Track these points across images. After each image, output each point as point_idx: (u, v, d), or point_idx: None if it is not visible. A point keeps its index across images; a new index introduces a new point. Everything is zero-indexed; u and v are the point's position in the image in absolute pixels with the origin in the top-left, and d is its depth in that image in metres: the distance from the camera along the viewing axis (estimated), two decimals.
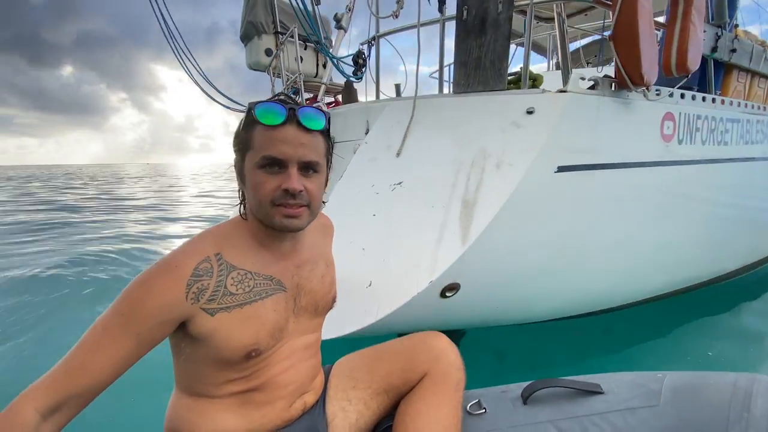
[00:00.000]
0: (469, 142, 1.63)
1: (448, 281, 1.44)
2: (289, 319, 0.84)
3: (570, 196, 1.59)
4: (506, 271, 1.57)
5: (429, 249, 1.46)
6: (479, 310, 1.64)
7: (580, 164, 1.58)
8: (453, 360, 0.97)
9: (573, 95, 1.54)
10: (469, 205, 1.47)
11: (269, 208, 0.74)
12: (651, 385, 0.93)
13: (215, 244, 0.77)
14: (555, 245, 1.63)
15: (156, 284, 0.69)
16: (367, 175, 1.85)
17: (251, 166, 0.74)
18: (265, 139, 0.72)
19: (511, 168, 1.47)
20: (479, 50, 1.72)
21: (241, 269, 0.77)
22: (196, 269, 0.72)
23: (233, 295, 0.75)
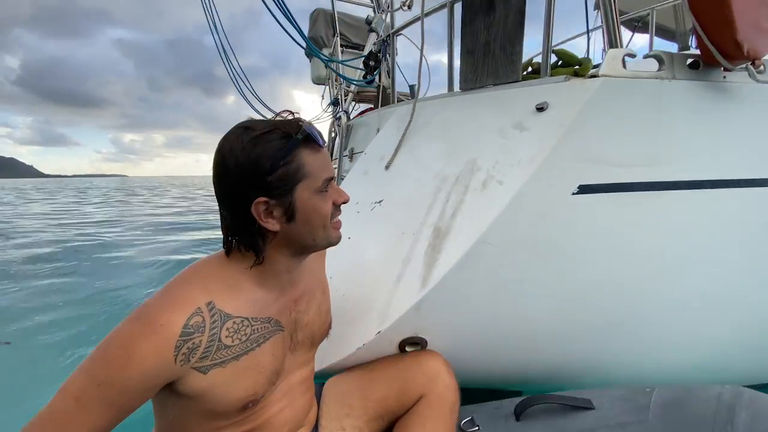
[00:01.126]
0: (459, 152, 1.24)
1: (404, 334, 1.09)
2: (287, 357, 0.80)
3: (602, 228, 1.07)
4: (494, 330, 1.13)
5: (386, 289, 1.13)
6: (460, 374, 1.22)
7: (621, 182, 1.06)
8: (449, 382, 0.96)
9: (609, 81, 1.04)
10: (441, 235, 1.10)
11: (329, 228, 0.74)
12: (640, 400, 0.97)
13: (205, 289, 0.67)
14: (576, 299, 1.12)
15: (139, 349, 0.59)
16: (355, 190, 1.59)
17: (309, 194, 0.69)
18: (318, 161, 0.70)
19: (499, 187, 1.05)
20: (487, 33, 1.32)
21: (237, 317, 0.69)
22: (186, 327, 0.62)
23: (229, 347, 0.68)
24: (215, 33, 2.75)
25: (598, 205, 1.05)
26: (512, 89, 1.24)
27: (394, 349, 1.11)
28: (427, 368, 0.99)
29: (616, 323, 1.18)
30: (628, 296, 1.17)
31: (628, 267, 1.13)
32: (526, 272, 1.06)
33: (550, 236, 1.05)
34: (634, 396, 0.99)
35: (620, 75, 1.05)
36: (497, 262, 1.03)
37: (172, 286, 0.68)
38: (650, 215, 1.10)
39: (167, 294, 0.66)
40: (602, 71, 1.04)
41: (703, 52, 1.08)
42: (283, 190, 0.67)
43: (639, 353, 1.23)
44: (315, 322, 0.86)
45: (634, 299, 1.17)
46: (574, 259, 1.07)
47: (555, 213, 1.04)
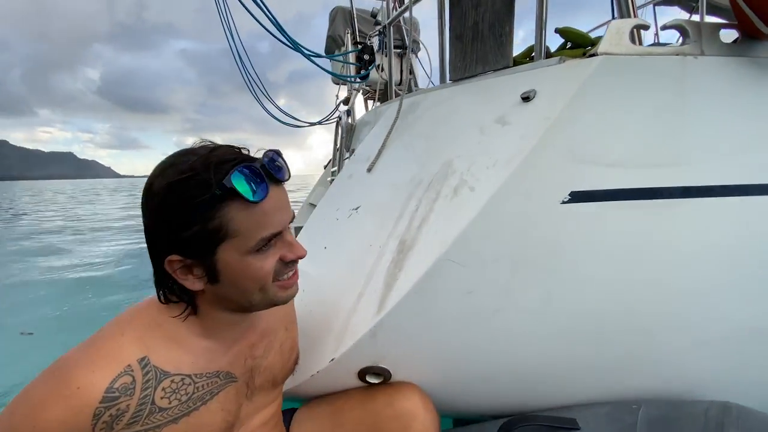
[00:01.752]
0: (437, 152, 1.07)
1: (362, 363, 0.95)
2: (242, 406, 0.72)
3: (602, 245, 0.86)
4: (466, 364, 0.95)
5: (346, 310, 1.00)
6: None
7: (628, 188, 0.84)
8: (428, 425, 0.85)
9: (610, 60, 0.82)
10: (405, 250, 0.94)
11: (270, 289, 0.62)
12: (626, 418, 0.93)
13: (139, 342, 0.57)
14: (568, 331, 0.91)
15: (46, 417, 0.50)
16: (338, 195, 1.47)
17: (237, 256, 0.56)
18: (256, 216, 0.55)
19: (471, 194, 0.87)
20: (475, 12, 1.14)
21: (176, 375, 0.59)
22: (109, 391, 0.52)
23: (164, 410, 0.58)
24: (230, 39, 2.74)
25: (597, 216, 0.84)
26: (501, 77, 1.05)
27: (354, 378, 0.98)
28: (401, 411, 0.86)
29: (626, 358, 0.95)
30: (641, 327, 0.94)
31: (640, 292, 0.90)
32: (504, 298, 0.87)
33: (534, 254, 0.85)
34: (620, 414, 0.93)
35: (627, 52, 0.83)
36: (466, 284, 0.86)
37: (99, 336, 0.58)
38: (669, 230, 0.86)
39: (93, 346, 0.55)
40: (602, 47, 0.83)
41: (741, 19, 0.83)
42: (200, 250, 0.55)
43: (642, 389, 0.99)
44: (276, 364, 0.78)
45: (649, 331, 0.94)
46: (567, 281, 0.87)
47: (539, 226, 0.84)
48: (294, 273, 0.65)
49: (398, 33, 3.52)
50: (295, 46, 1.67)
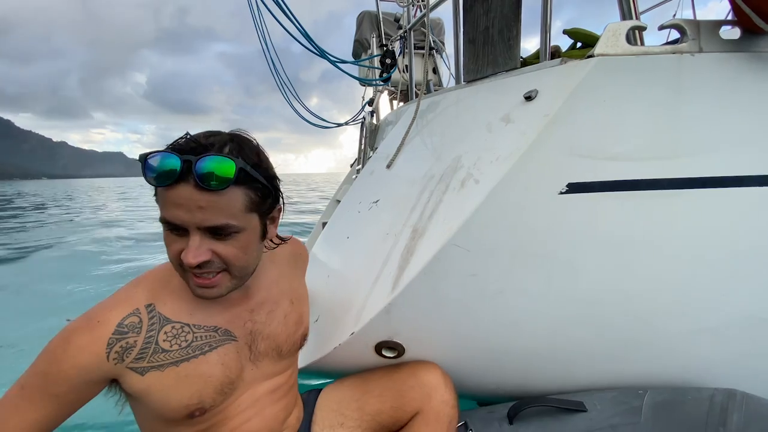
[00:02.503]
0: (448, 149, 1.17)
1: (378, 337, 1.06)
2: (245, 368, 0.77)
3: (599, 232, 0.92)
4: (473, 340, 1.04)
5: (364, 290, 1.11)
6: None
7: (623, 180, 0.90)
8: (446, 398, 0.93)
9: (606, 60, 0.89)
10: (416, 237, 1.04)
11: (181, 272, 0.65)
12: (632, 402, 0.96)
13: (149, 292, 0.69)
14: (567, 312, 0.97)
15: (74, 342, 0.62)
16: (361, 190, 1.59)
17: (160, 218, 0.62)
18: (161, 199, 0.60)
19: (476, 186, 0.96)
20: (486, 18, 1.22)
21: (176, 322, 0.68)
22: (120, 325, 0.64)
23: (166, 352, 0.67)
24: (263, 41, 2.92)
25: (594, 205, 0.91)
26: (508, 78, 1.13)
27: (371, 351, 1.09)
28: (424, 382, 0.94)
29: (625, 344, 1.01)
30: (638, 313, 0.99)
31: (637, 279, 0.96)
32: (507, 280, 0.96)
33: (533, 241, 0.93)
34: (626, 398, 0.98)
35: (622, 52, 0.89)
36: (471, 267, 0.95)
37: (124, 287, 0.70)
38: (667, 219, 0.92)
39: (116, 294, 0.68)
40: (598, 49, 0.90)
41: (738, 15, 0.87)
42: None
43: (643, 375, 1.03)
44: (280, 334, 0.82)
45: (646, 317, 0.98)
46: (565, 268, 0.94)
47: (538, 215, 0.92)
48: (206, 277, 0.63)
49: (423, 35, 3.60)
50: (321, 53, 1.80)
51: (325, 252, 1.54)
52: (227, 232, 0.63)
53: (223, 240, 0.63)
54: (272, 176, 0.69)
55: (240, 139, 0.65)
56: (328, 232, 1.63)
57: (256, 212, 0.66)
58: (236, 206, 0.62)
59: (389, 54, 1.92)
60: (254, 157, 0.65)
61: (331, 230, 1.62)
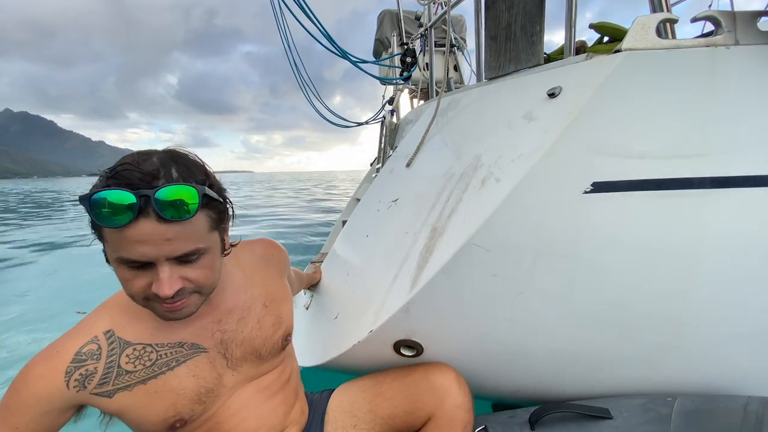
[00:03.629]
0: (469, 147, 1.15)
1: (397, 336, 1.06)
2: (224, 375, 0.78)
3: (624, 233, 0.89)
4: (493, 341, 1.02)
5: (383, 288, 1.12)
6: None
7: (650, 179, 0.87)
8: (460, 402, 0.91)
9: (634, 55, 0.86)
10: (435, 236, 1.04)
11: (145, 304, 0.63)
12: (661, 409, 0.93)
13: (108, 319, 0.71)
14: (591, 315, 0.95)
15: (32, 373, 0.63)
16: (380, 189, 1.59)
17: (111, 258, 0.59)
18: (116, 239, 0.56)
19: (496, 184, 0.95)
20: (509, 14, 1.20)
21: (137, 344, 0.70)
22: (78, 354, 0.65)
23: (130, 372, 0.68)
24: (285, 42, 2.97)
25: (620, 205, 0.88)
26: (531, 75, 1.11)
27: (390, 349, 1.09)
28: (436, 385, 0.93)
29: (653, 347, 0.97)
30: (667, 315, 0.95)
31: (666, 280, 0.92)
32: (528, 281, 0.94)
33: (556, 241, 0.91)
34: (654, 405, 0.94)
35: (651, 46, 0.86)
36: (492, 267, 0.94)
37: (88, 315, 0.72)
38: (697, 219, 0.88)
39: (77, 325, 0.70)
40: (626, 43, 0.87)
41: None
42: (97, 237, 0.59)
43: (684, 385, 0.99)
44: (255, 338, 0.81)
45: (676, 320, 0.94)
46: (589, 268, 0.91)
47: (562, 214, 0.90)
48: (173, 304, 0.62)
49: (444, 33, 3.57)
50: (343, 54, 1.82)
51: (344, 250, 1.55)
52: (196, 256, 0.62)
53: (191, 265, 0.62)
54: (222, 189, 0.67)
55: (181, 158, 0.61)
56: (348, 231, 1.65)
57: (216, 229, 0.66)
58: (201, 230, 0.61)
59: (410, 52, 1.92)
60: (203, 176, 0.62)
61: (350, 228, 1.63)
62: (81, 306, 3.03)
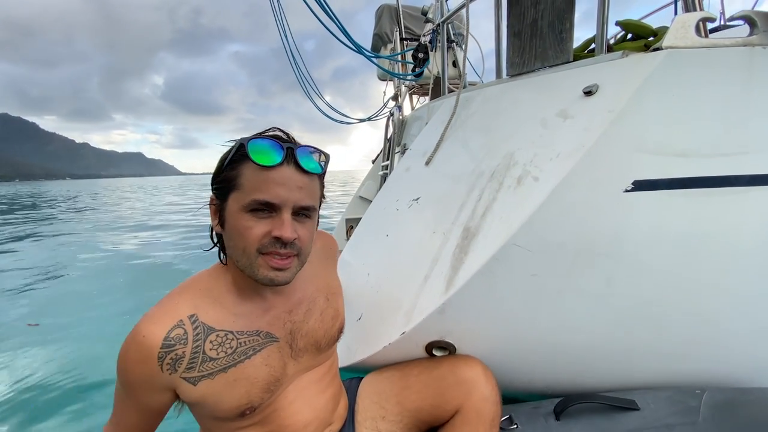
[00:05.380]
0: (498, 145, 1.14)
1: (430, 337, 1.05)
2: (287, 365, 0.79)
3: (664, 231, 0.90)
4: (528, 342, 1.02)
5: (414, 289, 1.10)
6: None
7: (691, 177, 0.87)
8: (487, 394, 0.90)
9: (675, 53, 0.86)
10: (469, 236, 1.03)
11: (254, 258, 0.66)
12: (689, 401, 0.92)
13: (190, 302, 0.70)
14: (629, 314, 0.95)
15: (129, 357, 0.65)
16: (397, 187, 1.57)
17: (236, 208, 0.66)
18: (258, 179, 0.64)
19: (535, 183, 0.94)
20: (535, 11, 1.19)
21: (220, 330, 0.70)
22: (166, 339, 0.65)
23: (214, 360, 0.69)
24: (285, 40, 2.91)
25: (660, 204, 0.88)
26: (560, 72, 1.10)
27: (421, 351, 1.08)
28: (463, 378, 0.92)
29: (687, 343, 0.98)
30: (703, 313, 0.96)
31: (704, 278, 0.93)
32: (569, 280, 0.94)
33: (597, 240, 0.91)
34: (682, 397, 0.94)
35: (692, 45, 0.86)
36: (531, 267, 0.93)
37: (165, 298, 0.71)
38: (736, 217, 0.89)
39: (158, 306, 0.69)
40: (666, 42, 0.87)
41: None
42: (222, 192, 0.68)
43: (718, 380, 1.01)
44: (317, 330, 0.84)
45: (711, 317, 0.96)
46: (629, 267, 0.92)
47: (602, 213, 0.90)
48: (282, 258, 0.67)
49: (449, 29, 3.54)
50: (358, 49, 1.78)
51: (361, 250, 1.53)
52: (308, 214, 0.69)
53: (302, 222, 0.68)
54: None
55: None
56: (363, 230, 1.62)
57: (320, 199, 0.74)
58: (317, 193, 0.71)
59: (422, 48, 1.89)
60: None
61: (365, 228, 1.60)
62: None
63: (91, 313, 3.05)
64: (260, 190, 0.64)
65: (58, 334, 2.63)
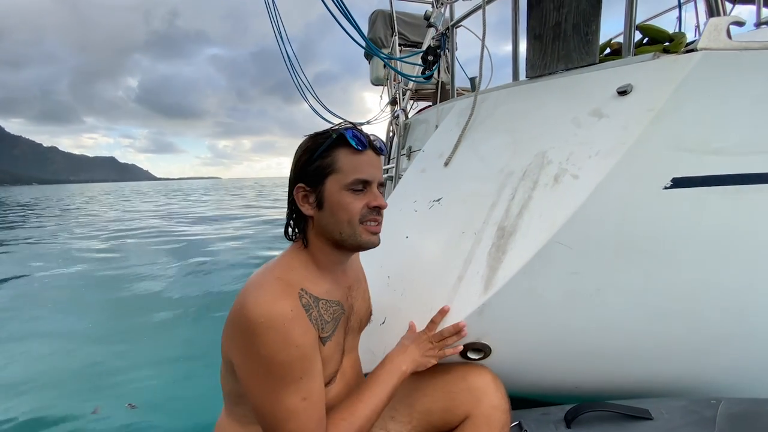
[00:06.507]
0: (527, 144, 1.14)
1: (466, 339, 1.02)
2: (345, 339, 0.86)
3: (702, 227, 0.92)
4: (567, 340, 1.02)
5: (445, 291, 1.08)
6: (524, 383, 1.12)
7: (728, 174, 0.89)
8: (496, 402, 0.91)
9: (711, 55, 0.88)
10: (506, 235, 1.01)
11: (356, 227, 0.76)
12: (705, 411, 0.91)
13: (296, 277, 0.76)
14: (667, 309, 0.97)
15: (295, 333, 0.67)
16: (412, 189, 1.55)
17: (337, 188, 0.75)
18: (355, 162, 0.75)
19: (574, 181, 0.94)
20: (558, 14, 1.21)
21: (323, 299, 0.78)
22: (303, 306, 0.72)
23: (328, 323, 0.77)
24: (282, 45, 2.87)
25: (698, 200, 0.90)
26: (588, 73, 1.12)
27: (455, 355, 1.06)
28: (474, 385, 0.93)
29: (718, 338, 1.00)
30: (734, 307, 0.99)
31: (736, 273, 0.95)
32: (607, 277, 0.94)
33: (636, 236, 0.91)
34: (697, 408, 0.93)
35: (724, 47, 0.89)
36: (572, 265, 0.93)
37: (268, 281, 0.73)
38: (765, 212, 0.91)
39: (270, 288, 0.71)
40: (701, 44, 0.89)
41: None
42: (316, 179, 0.75)
43: (747, 374, 1.03)
44: (362, 309, 0.93)
45: (742, 311, 0.98)
46: (666, 262, 0.93)
47: (642, 210, 0.91)
48: (377, 224, 0.79)
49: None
50: (375, 51, 1.77)
51: (377, 252, 1.49)
52: (383, 186, 0.81)
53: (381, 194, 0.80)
54: None
55: None
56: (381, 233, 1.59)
57: None
58: None
59: (431, 50, 1.90)
60: None
61: (385, 230, 1.57)
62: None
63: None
64: (359, 170, 0.74)
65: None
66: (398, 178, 2.22)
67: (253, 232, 8.18)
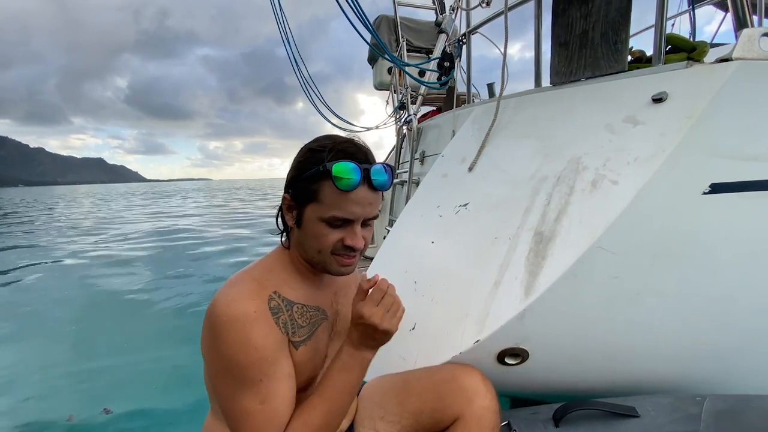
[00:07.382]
0: (558, 150, 1.16)
1: (505, 344, 1.03)
2: (329, 345, 0.84)
3: (740, 232, 0.94)
4: (606, 344, 1.03)
5: (482, 296, 1.08)
6: (562, 387, 1.13)
7: (764, 179, 0.92)
8: (487, 403, 0.91)
9: (746, 64, 0.91)
10: (544, 240, 1.02)
11: (328, 257, 0.74)
12: (690, 408, 0.92)
13: (268, 282, 0.75)
14: (705, 313, 0.98)
15: (255, 334, 0.66)
16: (435, 194, 1.55)
17: (314, 217, 0.72)
18: (337, 199, 0.70)
19: (614, 187, 0.96)
20: (585, 22, 1.23)
21: (297, 303, 0.76)
22: (270, 309, 0.70)
23: (302, 327, 0.75)
24: (287, 45, 2.86)
25: (734, 205, 0.92)
26: (618, 80, 1.14)
27: (492, 360, 1.06)
28: (464, 386, 0.92)
29: (755, 342, 1.02)
30: (761, 310, 1.01)
31: (763, 274, 0.98)
32: (647, 281, 0.95)
33: (675, 240, 0.93)
34: (683, 405, 0.94)
35: (759, 57, 0.91)
36: (613, 269, 0.94)
37: (240, 283, 0.73)
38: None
39: (241, 288, 0.71)
40: (737, 53, 0.92)
41: None
42: (299, 199, 0.73)
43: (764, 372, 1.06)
44: (350, 314, 0.89)
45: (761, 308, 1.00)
46: (704, 267, 0.95)
47: (681, 215, 0.93)
48: (351, 258, 0.75)
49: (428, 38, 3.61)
50: (392, 58, 1.78)
51: (401, 257, 1.49)
52: (372, 221, 0.75)
53: (367, 228, 0.75)
54: None
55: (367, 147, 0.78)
56: (397, 237, 1.58)
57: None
58: (380, 202, 0.77)
59: (447, 57, 1.92)
60: None
61: (402, 234, 1.57)
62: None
63: None
64: (339, 208, 0.69)
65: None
66: (412, 182, 2.22)
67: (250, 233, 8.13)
